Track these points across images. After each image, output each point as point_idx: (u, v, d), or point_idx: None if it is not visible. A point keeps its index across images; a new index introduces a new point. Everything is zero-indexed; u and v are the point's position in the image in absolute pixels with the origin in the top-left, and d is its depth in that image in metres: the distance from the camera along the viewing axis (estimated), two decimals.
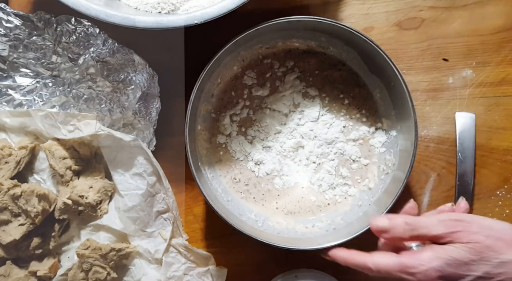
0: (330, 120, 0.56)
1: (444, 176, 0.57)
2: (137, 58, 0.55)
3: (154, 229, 0.55)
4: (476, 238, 0.39)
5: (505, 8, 0.58)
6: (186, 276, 0.54)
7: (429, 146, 0.57)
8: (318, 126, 0.56)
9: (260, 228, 0.53)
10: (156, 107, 0.56)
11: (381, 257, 0.42)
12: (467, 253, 0.39)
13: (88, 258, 0.52)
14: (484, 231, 0.40)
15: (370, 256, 0.43)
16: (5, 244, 0.51)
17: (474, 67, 0.58)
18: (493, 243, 0.39)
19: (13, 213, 0.51)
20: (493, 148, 0.57)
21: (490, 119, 0.57)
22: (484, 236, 0.39)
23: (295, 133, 0.56)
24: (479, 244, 0.39)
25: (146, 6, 0.52)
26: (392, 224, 0.43)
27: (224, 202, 0.54)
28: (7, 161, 0.53)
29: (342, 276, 0.52)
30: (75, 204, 0.52)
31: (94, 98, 0.54)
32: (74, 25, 0.53)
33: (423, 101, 0.58)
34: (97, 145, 0.55)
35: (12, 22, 0.53)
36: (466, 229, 0.40)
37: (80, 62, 0.54)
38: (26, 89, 0.55)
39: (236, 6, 0.48)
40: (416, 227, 0.42)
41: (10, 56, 0.54)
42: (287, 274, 0.54)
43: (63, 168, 0.53)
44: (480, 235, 0.39)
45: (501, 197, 0.57)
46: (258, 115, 0.57)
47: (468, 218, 0.41)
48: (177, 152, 0.57)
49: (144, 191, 0.53)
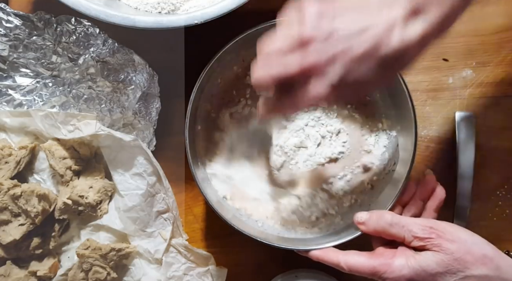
0: (330, 120, 0.56)
1: (444, 176, 0.57)
2: (137, 58, 0.55)
3: (154, 229, 0.55)
4: (447, 247, 0.40)
5: (505, 8, 0.58)
6: (186, 276, 0.55)
7: (429, 146, 0.57)
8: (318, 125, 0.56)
9: (260, 228, 0.53)
10: (156, 107, 0.56)
11: (353, 258, 0.44)
12: (435, 264, 0.40)
13: (88, 258, 0.52)
14: (456, 242, 0.40)
15: (343, 255, 0.45)
16: (5, 244, 0.51)
17: (474, 67, 0.58)
18: (462, 256, 0.40)
19: (13, 213, 0.51)
20: (493, 148, 0.57)
21: (490, 119, 0.57)
22: (456, 248, 0.40)
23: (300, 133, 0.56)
24: (448, 256, 0.40)
25: (146, 6, 0.52)
26: (369, 218, 0.45)
27: (226, 203, 0.54)
28: (7, 161, 0.53)
29: (342, 276, 0.52)
30: (75, 204, 0.52)
31: (94, 98, 0.54)
32: (74, 25, 0.53)
33: (423, 101, 0.58)
34: (97, 145, 0.55)
35: (12, 22, 0.53)
36: (439, 237, 0.41)
37: (80, 62, 0.54)
38: (26, 89, 0.55)
39: (236, 6, 0.48)
40: (393, 224, 0.43)
41: (10, 56, 0.54)
42: (287, 274, 0.54)
43: (63, 168, 0.53)
44: (452, 245, 0.40)
45: (501, 197, 0.57)
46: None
47: (442, 226, 0.42)
48: (177, 152, 0.57)
49: (144, 191, 0.53)
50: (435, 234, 0.41)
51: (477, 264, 0.39)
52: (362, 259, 0.44)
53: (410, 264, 0.41)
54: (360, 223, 0.46)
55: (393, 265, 0.42)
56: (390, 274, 0.42)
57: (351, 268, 0.44)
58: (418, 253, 0.42)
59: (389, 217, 0.44)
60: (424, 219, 0.43)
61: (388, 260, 0.42)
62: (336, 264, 0.45)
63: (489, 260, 0.40)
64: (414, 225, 0.42)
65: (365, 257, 0.44)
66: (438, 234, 0.41)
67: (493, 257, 0.40)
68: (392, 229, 0.43)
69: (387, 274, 0.42)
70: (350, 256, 0.45)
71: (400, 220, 0.43)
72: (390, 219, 0.44)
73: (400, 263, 0.42)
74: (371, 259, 0.43)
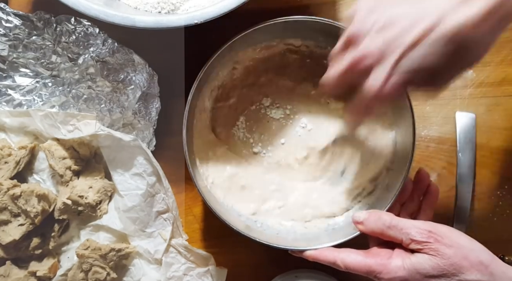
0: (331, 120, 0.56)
1: (445, 176, 0.57)
2: (137, 58, 0.54)
3: (154, 229, 0.55)
4: (444, 252, 0.40)
5: None
6: (186, 277, 0.54)
7: (429, 146, 0.57)
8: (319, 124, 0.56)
9: (259, 228, 0.53)
10: (156, 107, 0.56)
11: (350, 256, 0.44)
12: (431, 268, 0.40)
13: (88, 258, 0.51)
14: (454, 247, 0.40)
15: (339, 253, 0.45)
16: (5, 244, 0.51)
17: (475, 67, 0.58)
18: (459, 262, 0.40)
19: (13, 213, 0.51)
20: (494, 148, 0.57)
21: (490, 119, 0.57)
22: (453, 252, 0.40)
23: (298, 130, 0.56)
24: (445, 261, 0.40)
25: (146, 6, 0.52)
26: (367, 218, 0.45)
27: (224, 203, 0.54)
28: (6, 161, 0.52)
29: (342, 276, 0.52)
30: (74, 204, 0.52)
31: (93, 98, 0.54)
32: (73, 25, 0.53)
33: (423, 101, 0.58)
34: (97, 145, 0.55)
35: (12, 22, 0.53)
36: (437, 242, 0.41)
37: (80, 62, 0.54)
38: (26, 89, 0.55)
39: (236, 6, 0.48)
40: (391, 226, 0.43)
41: (10, 56, 0.54)
42: (287, 274, 0.54)
43: (62, 168, 0.53)
44: (449, 250, 0.40)
45: (501, 197, 0.57)
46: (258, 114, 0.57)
47: (441, 231, 0.42)
48: (177, 152, 0.57)
49: (144, 191, 0.53)
50: (433, 239, 0.41)
51: (472, 270, 0.40)
52: (359, 257, 0.44)
53: (406, 266, 0.41)
54: (358, 223, 0.46)
55: (390, 266, 0.42)
56: (385, 275, 0.42)
57: (347, 267, 0.44)
58: (415, 255, 0.42)
59: (388, 219, 0.44)
60: (423, 222, 0.43)
61: (384, 260, 0.43)
62: (333, 262, 0.45)
63: (484, 267, 0.40)
64: (412, 228, 0.42)
65: (361, 256, 0.44)
66: (436, 239, 0.41)
67: (488, 264, 0.40)
68: (390, 231, 0.43)
69: (382, 275, 0.42)
70: (347, 254, 0.45)
71: (398, 222, 0.43)
72: (389, 221, 0.43)
73: (396, 265, 0.42)
74: (367, 258, 0.44)
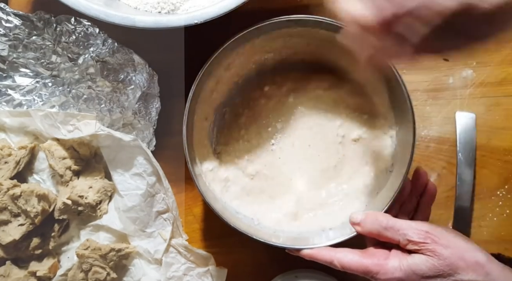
0: (330, 120, 0.56)
1: (445, 176, 0.57)
2: (137, 58, 0.54)
3: (154, 229, 0.55)
4: (441, 253, 0.40)
5: None
6: (186, 277, 0.54)
7: (429, 146, 0.57)
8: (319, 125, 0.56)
9: (257, 226, 0.53)
10: (156, 107, 0.56)
11: (347, 256, 0.44)
12: (427, 268, 0.40)
13: (88, 258, 0.51)
14: (450, 247, 0.41)
15: (336, 253, 0.45)
16: (5, 244, 0.51)
17: (475, 67, 0.58)
18: (455, 262, 0.40)
19: (13, 213, 0.51)
20: (494, 148, 0.57)
21: (490, 119, 0.57)
22: (450, 253, 0.40)
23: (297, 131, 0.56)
24: (441, 261, 0.40)
25: (146, 6, 0.52)
26: (364, 219, 0.45)
27: (223, 201, 0.54)
28: (6, 161, 0.52)
29: (342, 276, 0.52)
30: (74, 204, 0.52)
31: (93, 98, 0.54)
32: (73, 25, 0.53)
33: (423, 101, 0.58)
34: (97, 145, 0.55)
35: (12, 22, 0.53)
36: (434, 242, 0.41)
37: (80, 62, 0.54)
38: (26, 89, 0.55)
39: (236, 6, 0.48)
40: (388, 227, 0.43)
41: (10, 56, 0.54)
42: (287, 274, 0.54)
43: (62, 168, 0.53)
44: (446, 250, 0.40)
45: (501, 197, 0.57)
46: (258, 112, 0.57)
47: (438, 231, 0.42)
48: (177, 152, 0.57)
49: (144, 191, 0.53)
50: (430, 239, 0.41)
51: (468, 270, 0.40)
52: (356, 258, 0.44)
53: (403, 267, 0.41)
54: (355, 224, 0.46)
55: (386, 267, 0.42)
56: (382, 275, 0.42)
57: (344, 266, 0.44)
58: (412, 256, 0.42)
59: (384, 220, 0.44)
60: (420, 223, 0.43)
61: (381, 261, 0.43)
62: (329, 262, 0.45)
63: (481, 267, 0.40)
64: (409, 229, 0.42)
65: (358, 256, 0.44)
66: (433, 239, 0.41)
67: (484, 264, 0.40)
68: (387, 232, 0.43)
69: (379, 275, 0.42)
70: (344, 254, 0.45)
71: (395, 223, 0.43)
72: (385, 222, 0.44)
73: (393, 265, 0.42)
74: (364, 258, 0.44)
